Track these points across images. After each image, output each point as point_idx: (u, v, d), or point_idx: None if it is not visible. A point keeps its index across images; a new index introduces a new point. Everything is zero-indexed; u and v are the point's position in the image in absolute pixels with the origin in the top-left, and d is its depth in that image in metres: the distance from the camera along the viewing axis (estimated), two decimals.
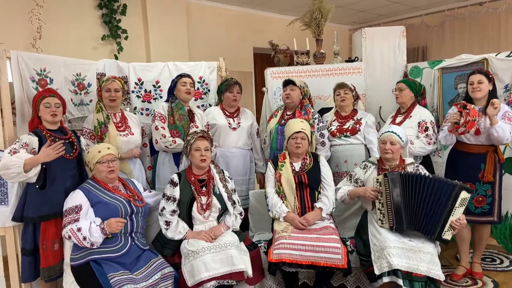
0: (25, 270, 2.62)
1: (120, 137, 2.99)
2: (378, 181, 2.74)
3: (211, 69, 3.86)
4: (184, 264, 2.47)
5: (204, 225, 2.71)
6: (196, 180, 2.73)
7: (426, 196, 2.60)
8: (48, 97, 2.65)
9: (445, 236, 2.57)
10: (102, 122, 2.94)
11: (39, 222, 2.57)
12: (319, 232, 2.69)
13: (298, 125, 2.95)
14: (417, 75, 3.97)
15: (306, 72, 4.07)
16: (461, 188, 2.57)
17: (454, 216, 2.55)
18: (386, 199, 2.67)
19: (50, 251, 2.58)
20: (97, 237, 2.34)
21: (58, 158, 2.61)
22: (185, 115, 3.21)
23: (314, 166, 2.94)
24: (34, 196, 2.56)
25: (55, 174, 2.61)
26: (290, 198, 2.86)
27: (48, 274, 2.58)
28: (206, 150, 2.72)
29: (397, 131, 2.82)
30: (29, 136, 2.57)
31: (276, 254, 2.57)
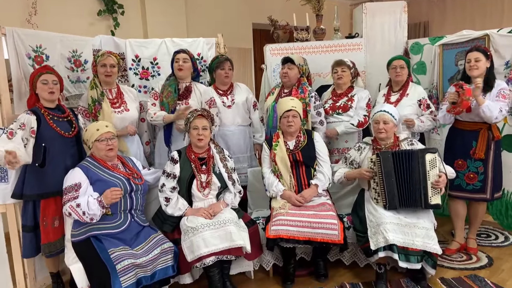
0: (26, 246, 2.67)
1: (115, 114, 2.96)
2: (372, 161, 2.75)
3: (209, 46, 3.79)
4: (184, 240, 2.51)
5: (204, 202, 2.74)
6: (196, 158, 2.74)
7: (412, 171, 2.64)
8: (45, 74, 2.63)
9: (433, 202, 2.62)
10: (96, 99, 2.90)
11: (39, 199, 2.60)
12: (316, 208, 2.73)
13: (289, 103, 2.93)
14: (418, 52, 3.93)
15: (305, 49, 4.02)
16: (423, 151, 2.65)
17: (430, 179, 2.61)
18: (379, 178, 2.70)
19: (50, 227, 2.62)
20: (95, 210, 2.36)
21: (57, 136, 2.63)
22: (173, 92, 3.17)
23: (308, 143, 2.94)
24: (34, 174, 2.58)
25: (55, 152, 2.61)
26: (286, 177, 2.88)
27: (49, 250, 2.63)
28: (204, 129, 2.71)
29: (389, 110, 2.81)
30: (27, 116, 2.56)
31: (274, 230, 2.61)
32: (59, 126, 2.66)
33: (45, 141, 2.59)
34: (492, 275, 2.83)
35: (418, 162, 2.64)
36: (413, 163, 2.65)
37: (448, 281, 2.75)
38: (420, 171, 2.64)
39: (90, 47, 3.35)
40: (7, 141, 2.47)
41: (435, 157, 2.66)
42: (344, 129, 3.29)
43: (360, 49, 4.00)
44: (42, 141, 2.59)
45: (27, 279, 2.79)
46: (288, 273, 2.83)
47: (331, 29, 4.16)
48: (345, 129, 3.29)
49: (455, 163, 3.02)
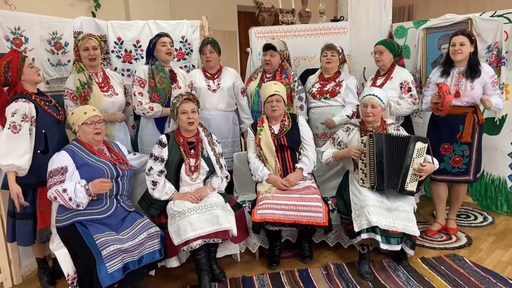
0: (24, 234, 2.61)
1: (105, 98, 2.92)
2: (363, 142, 2.78)
3: (193, 28, 3.75)
4: (171, 224, 2.52)
5: (191, 187, 2.74)
6: (185, 142, 2.72)
7: (400, 155, 2.69)
8: (26, 57, 2.55)
9: (408, 188, 2.69)
10: (85, 82, 2.84)
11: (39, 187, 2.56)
12: (302, 192, 2.76)
13: (272, 88, 2.93)
14: (402, 35, 3.95)
15: (291, 32, 4.00)
16: (416, 139, 2.70)
17: (414, 166, 2.67)
18: (370, 159, 2.73)
19: (47, 212, 2.59)
20: (82, 198, 2.33)
21: (53, 121, 2.60)
22: (166, 77, 3.15)
23: (292, 127, 2.95)
24: (35, 162, 2.52)
25: (54, 138, 2.59)
26: (271, 161, 2.90)
27: (46, 235, 2.61)
28: (193, 113, 2.69)
29: (377, 94, 2.83)
30: (25, 104, 2.47)
31: (260, 214, 2.63)
32: (53, 110, 2.62)
33: (44, 127, 2.54)
34: (471, 254, 2.93)
35: (408, 147, 2.67)
36: (403, 148, 2.69)
37: (428, 260, 2.84)
38: (406, 157, 2.68)
39: (71, 29, 3.27)
40: (14, 137, 2.41)
41: (424, 147, 2.69)
42: (340, 119, 3.28)
43: (345, 32, 4.00)
44: (42, 128, 2.54)
45: (11, 265, 2.78)
46: (274, 255, 2.87)
47: (317, 12, 4.14)
48: (341, 120, 3.28)
49: (441, 147, 3.08)
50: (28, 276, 2.91)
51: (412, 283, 2.55)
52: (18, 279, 2.82)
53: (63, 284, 2.72)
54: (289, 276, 2.72)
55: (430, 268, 2.73)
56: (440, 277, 2.61)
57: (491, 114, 3.48)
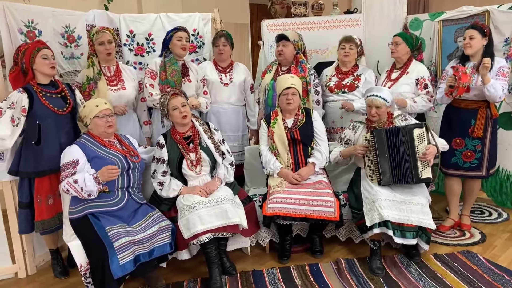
0: (22, 222, 2.68)
1: (111, 92, 2.93)
2: (366, 139, 2.75)
3: (205, 21, 3.73)
4: (180, 218, 2.53)
5: (198, 180, 2.73)
6: (182, 138, 2.70)
7: (402, 147, 2.65)
8: (44, 49, 2.57)
9: (423, 176, 2.64)
10: (91, 78, 2.87)
11: (34, 177, 2.60)
12: (313, 186, 2.74)
13: (288, 80, 2.90)
14: (417, 28, 3.87)
15: (303, 25, 3.96)
16: (411, 127, 2.65)
17: (419, 154, 2.63)
18: (373, 155, 2.70)
19: (44, 205, 2.63)
20: (91, 186, 2.34)
21: (50, 113, 2.59)
22: (178, 71, 3.15)
23: (306, 121, 2.92)
24: (30, 152, 2.56)
25: (48, 130, 2.59)
26: (283, 155, 2.88)
27: (43, 227, 2.64)
28: (183, 106, 2.65)
29: (381, 94, 2.75)
30: (18, 94, 2.51)
31: (271, 208, 2.63)
32: (52, 102, 2.61)
33: (38, 118, 2.56)
34: (484, 251, 2.88)
35: (407, 137, 2.64)
36: (402, 139, 2.65)
37: (441, 256, 2.80)
38: (409, 147, 2.64)
39: (84, 22, 3.28)
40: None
41: (422, 132, 2.65)
42: (360, 106, 3.20)
43: (358, 25, 3.94)
44: (36, 118, 2.55)
45: (25, 256, 2.82)
46: (284, 249, 2.87)
47: (330, 4, 4.08)
48: (360, 107, 3.20)
49: (453, 142, 3.03)
50: (42, 266, 2.96)
51: (424, 280, 2.52)
52: (32, 270, 2.87)
53: (76, 275, 2.76)
54: (300, 270, 2.71)
55: (443, 265, 2.69)
56: (453, 274, 2.57)
57: (507, 109, 3.40)
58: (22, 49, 2.58)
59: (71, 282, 2.76)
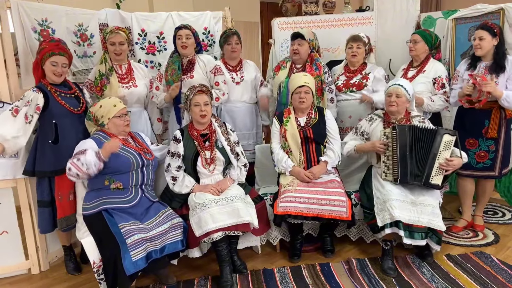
0: (43, 221, 2.70)
1: (122, 89, 2.95)
2: (385, 134, 2.73)
3: (216, 19, 3.72)
4: (192, 216, 2.54)
5: (210, 178, 2.75)
6: (199, 135, 2.72)
7: (426, 147, 2.63)
8: (57, 55, 2.57)
9: (433, 181, 2.62)
10: (103, 73, 2.89)
11: (53, 176, 2.62)
12: (325, 185, 2.73)
13: (301, 79, 2.89)
14: (430, 26, 3.82)
15: (314, 23, 3.92)
16: (443, 131, 2.63)
17: (439, 159, 2.60)
18: (393, 151, 2.68)
19: (66, 201, 2.65)
20: (90, 160, 2.28)
21: (67, 112, 2.62)
22: (177, 69, 3.12)
23: (319, 120, 2.91)
24: (47, 151, 2.58)
25: (66, 129, 2.62)
26: (296, 153, 2.87)
27: (66, 223, 2.67)
28: (205, 105, 2.67)
29: (404, 84, 2.77)
30: (33, 93, 2.53)
31: (282, 206, 2.62)
32: (68, 102, 2.65)
33: (55, 118, 2.59)
34: (498, 252, 2.85)
35: (435, 140, 2.61)
36: (427, 139, 2.63)
37: (454, 257, 2.77)
38: (432, 149, 2.62)
39: (96, 21, 3.30)
40: (10, 119, 2.47)
41: (452, 140, 2.63)
42: (379, 99, 3.15)
43: (370, 23, 3.90)
44: (53, 118, 2.58)
45: (39, 252, 2.85)
46: (295, 248, 2.86)
47: (341, 2, 4.05)
48: (379, 101, 3.15)
49: (466, 142, 3.00)
50: (55, 262, 2.99)
51: (437, 280, 2.50)
52: (45, 266, 2.90)
53: (89, 271, 2.78)
54: (310, 269, 2.70)
55: (456, 266, 2.67)
56: (466, 275, 2.55)
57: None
58: (42, 45, 2.61)
59: (84, 278, 2.79)
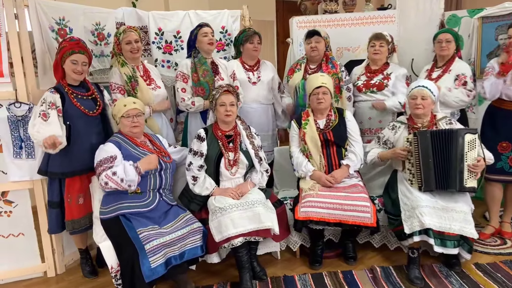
0: (52, 222, 2.66)
1: (151, 91, 2.92)
2: (408, 141, 2.63)
3: (234, 18, 3.65)
4: (212, 220, 2.47)
5: (231, 181, 2.68)
6: (223, 136, 2.66)
7: (450, 151, 2.52)
8: (77, 54, 2.52)
9: (468, 184, 2.51)
10: (131, 76, 2.83)
11: (64, 178, 2.58)
12: (348, 190, 2.64)
13: (319, 79, 2.80)
14: (455, 25, 3.70)
15: (334, 21, 3.84)
16: (463, 131, 2.52)
17: (467, 161, 2.49)
18: (415, 158, 2.58)
19: (74, 204, 2.60)
20: (133, 176, 2.32)
21: (81, 114, 2.57)
22: (209, 70, 3.09)
23: (339, 122, 2.82)
24: (59, 153, 2.52)
25: (80, 131, 2.57)
26: (316, 157, 2.78)
27: (73, 226, 2.62)
28: (231, 105, 2.62)
29: (428, 85, 2.67)
30: (51, 94, 2.48)
31: (303, 212, 2.54)
32: (83, 104, 2.59)
33: (69, 119, 2.54)
34: None
35: (457, 142, 2.50)
36: (451, 143, 2.52)
37: (483, 266, 2.66)
38: (457, 152, 2.51)
39: (113, 20, 3.26)
40: (45, 124, 2.42)
41: (474, 138, 2.52)
42: (392, 104, 3.09)
43: (392, 21, 3.79)
44: (67, 119, 2.53)
45: (55, 254, 2.81)
46: (316, 255, 2.77)
47: (362, 0, 3.95)
48: (393, 105, 3.09)
49: (499, 145, 2.87)
50: (71, 265, 2.95)
51: None
52: (61, 269, 2.86)
53: (105, 275, 2.74)
54: (333, 277, 2.61)
55: (485, 275, 2.55)
56: (497, 285, 2.43)
57: None
58: (62, 44, 2.57)
59: (100, 282, 2.74)
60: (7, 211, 2.70)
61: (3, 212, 2.70)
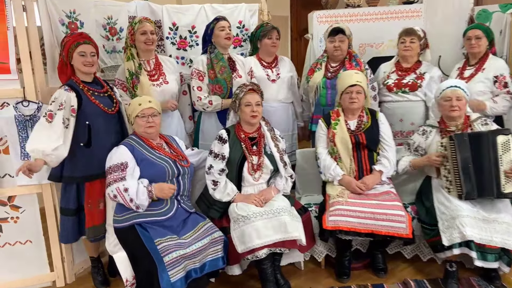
0: (66, 230, 2.47)
1: (153, 87, 2.72)
2: (443, 145, 2.44)
3: (251, 13, 3.47)
4: (234, 229, 2.29)
5: (254, 187, 2.50)
6: (247, 138, 2.48)
7: (485, 155, 2.34)
8: (83, 44, 2.34)
9: (506, 190, 2.33)
10: (133, 72, 2.65)
11: (83, 182, 2.40)
12: (379, 197, 2.45)
13: (353, 77, 2.62)
14: (486, 20, 3.48)
15: (357, 16, 3.64)
16: (494, 132, 2.36)
17: (503, 165, 2.31)
18: (453, 164, 2.38)
19: (95, 209, 2.42)
20: (143, 200, 2.16)
21: (100, 112, 2.39)
22: (227, 67, 2.90)
23: (372, 124, 2.63)
24: (78, 154, 2.35)
25: (99, 130, 2.39)
26: (346, 160, 2.59)
27: (94, 234, 2.44)
28: (257, 105, 2.45)
29: (461, 85, 2.49)
30: (65, 93, 2.28)
31: (332, 221, 2.35)
32: (102, 102, 2.41)
33: (88, 118, 2.35)
34: None
35: (489, 144, 2.33)
36: (484, 145, 2.34)
37: None
38: (491, 155, 2.33)
39: (126, 14, 3.08)
40: (46, 127, 2.23)
41: (508, 139, 2.34)
42: (492, 106, 2.80)
43: (419, 16, 3.59)
44: (85, 119, 2.35)
45: (64, 263, 2.65)
46: (343, 266, 2.58)
47: None
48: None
49: None
50: (81, 274, 2.78)
51: None
52: (71, 278, 2.69)
53: (117, 284, 2.58)
54: None
55: None
56: None
57: None
58: (64, 40, 2.40)
59: None
60: (14, 217, 2.53)
61: (9, 218, 2.52)
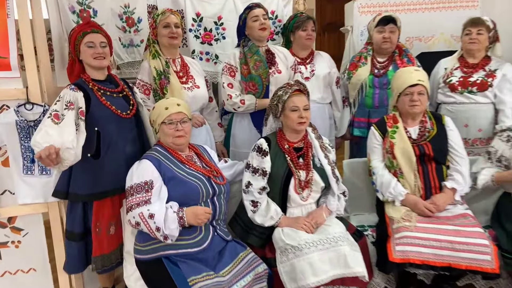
0: (73, 259, 2.07)
1: (185, 91, 2.33)
2: None
3: (285, 2, 3.11)
4: (281, 262, 1.88)
5: (301, 208, 2.08)
6: (291, 149, 2.06)
7: None
8: (90, 34, 1.96)
9: None
10: (162, 71, 2.25)
11: (91, 200, 1.99)
12: (455, 221, 2.03)
13: (413, 75, 2.21)
14: None
15: (404, 5, 3.26)
16: None
17: None
18: None
19: (104, 235, 2.02)
20: (173, 230, 1.75)
21: (113, 117, 1.98)
22: (263, 61, 2.50)
23: (438, 131, 2.21)
24: (85, 168, 1.94)
25: (111, 138, 1.98)
26: (409, 176, 2.17)
27: (102, 264, 2.03)
28: (305, 110, 2.04)
29: None
30: (71, 92, 1.89)
31: (400, 251, 1.94)
32: (114, 103, 2.00)
33: (97, 124, 1.95)
34: None
35: None
36: None
37: None
38: None
39: (144, 2, 2.71)
40: (54, 126, 1.82)
41: None
42: None
43: (475, 6, 3.19)
44: (94, 124, 1.94)
45: None
46: None
47: None
48: None
49: None
50: None
51: None
52: None
53: None
54: None
55: None
56: None
57: None
58: (70, 34, 2.02)
59: None
60: (14, 241, 2.16)
61: (9, 242, 2.16)
